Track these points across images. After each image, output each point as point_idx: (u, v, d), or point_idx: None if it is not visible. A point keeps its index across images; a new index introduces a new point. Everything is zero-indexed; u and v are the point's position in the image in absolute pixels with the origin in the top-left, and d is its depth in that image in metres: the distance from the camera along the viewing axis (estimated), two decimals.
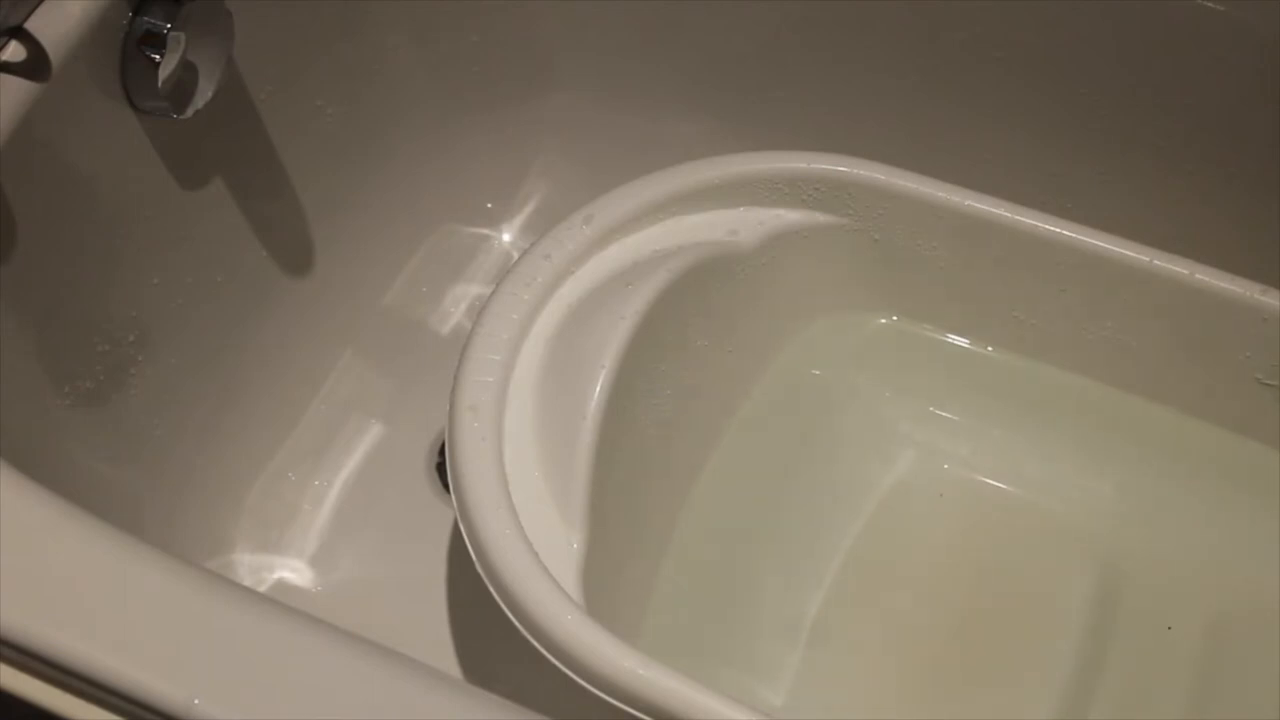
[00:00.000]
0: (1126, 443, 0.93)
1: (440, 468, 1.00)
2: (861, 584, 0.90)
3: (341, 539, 0.96)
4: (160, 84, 0.74)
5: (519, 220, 1.11)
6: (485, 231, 1.10)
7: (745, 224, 0.90)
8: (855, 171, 0.89)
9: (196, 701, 0.52)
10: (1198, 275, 0.87)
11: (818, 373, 0.97)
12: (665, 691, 0.66)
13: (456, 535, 0.90)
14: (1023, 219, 0.89)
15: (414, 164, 1.05)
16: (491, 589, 0.71)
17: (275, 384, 0.97)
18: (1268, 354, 0.87)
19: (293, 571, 0.93)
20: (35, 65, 0.69)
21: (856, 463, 0.94)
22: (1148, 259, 0.87)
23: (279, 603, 0.58)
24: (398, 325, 1.06)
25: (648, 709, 0.67)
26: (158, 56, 0.74)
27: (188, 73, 0.77)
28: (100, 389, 0.80)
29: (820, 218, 0.91)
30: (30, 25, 0.70)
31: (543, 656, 0.69)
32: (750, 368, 0.95)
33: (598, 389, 0.80)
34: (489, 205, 1.10)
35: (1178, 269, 0.87)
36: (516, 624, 0.70)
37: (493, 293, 0.83)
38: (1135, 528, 0.91)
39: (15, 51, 0.69)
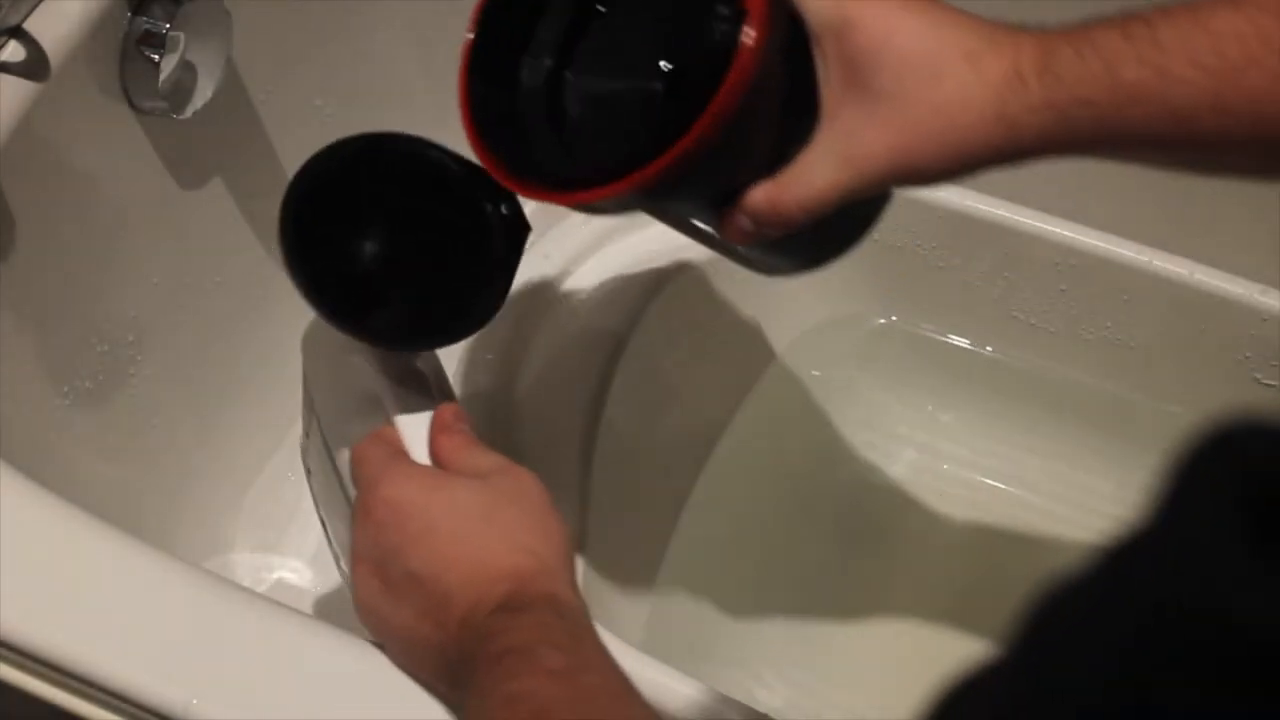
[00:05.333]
0: (1126, 443, 0.93)
1: None
2: (861, 585, 0.90)
3: None
4: (160, 84, 0.74)
5: None
6: None
7: None
8: None
9: (195, 702, 0.52)
10: (1197, 275, 0.87)
11: (817, 373, 0.97)
12: (664, 691, 0.66)
13: None
14: (1023, 219, 0.89)
15: None
16: None
17: (275, 384, 0.97)
18: (1268, 354, 0.87)
19: (292, 571, 0.93)
20: (34, 65, 0.69)
21: (856, 463, 0.94)
22: (1148, 259, 0.87)
23: (279, 603, 0.58)
24: None
25: None
26: (157, 56, 0.74)
27: (187, 73, 0.77)
28: (100, 389, 0.79)
29: None
30: (30, 25, 0.70)
31: None
32: (750, 368, 0.95)
33: (597, 388, 0.80)
34: None
35: (1178, 269, 0.87)
36: None
37: None
38: None
39: (14, 51, 0.69)
